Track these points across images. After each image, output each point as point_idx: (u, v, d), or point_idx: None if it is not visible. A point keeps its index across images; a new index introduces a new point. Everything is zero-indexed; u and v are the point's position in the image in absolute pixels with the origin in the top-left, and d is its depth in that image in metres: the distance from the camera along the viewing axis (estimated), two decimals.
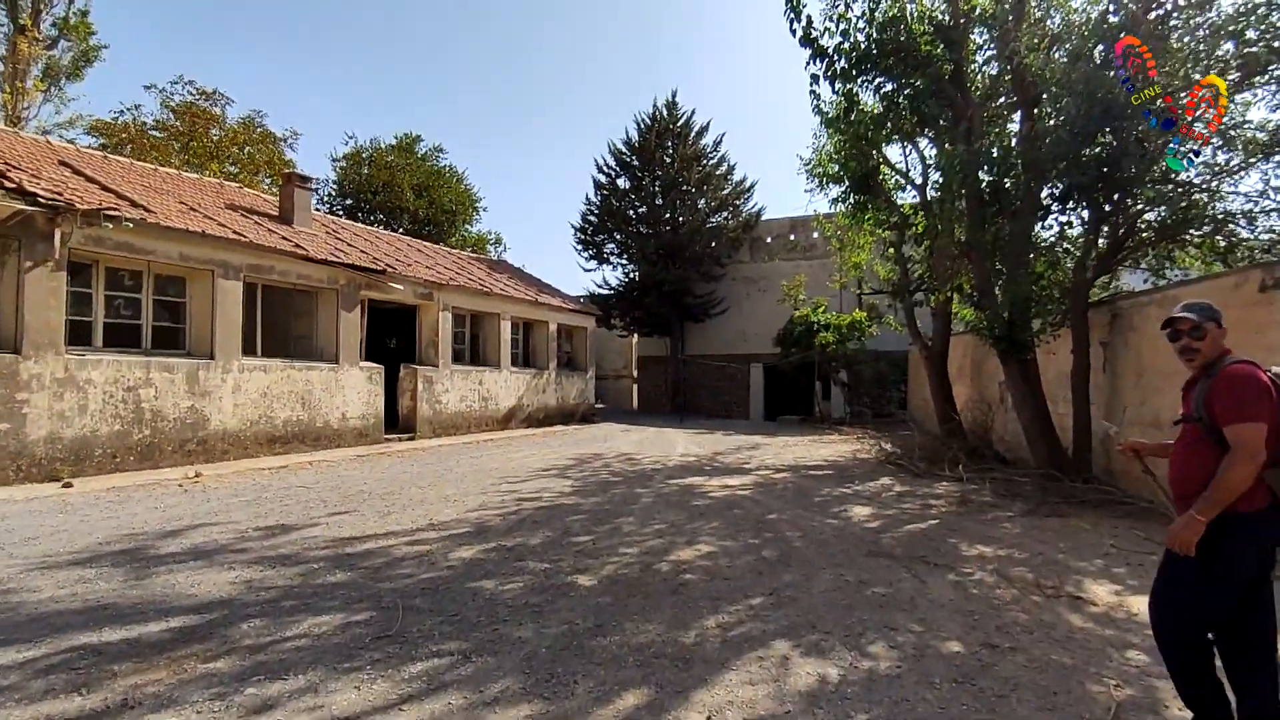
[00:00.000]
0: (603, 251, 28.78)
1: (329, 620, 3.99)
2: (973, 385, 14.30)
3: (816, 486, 9.22)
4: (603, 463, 11.75)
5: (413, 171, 25.49)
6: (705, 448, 14.55)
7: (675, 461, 12.01)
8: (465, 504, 7.72)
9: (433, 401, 15.14)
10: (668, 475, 10.24)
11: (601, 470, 10.79)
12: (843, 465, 11.63)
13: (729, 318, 27.82)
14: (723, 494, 8.57)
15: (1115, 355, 8.69)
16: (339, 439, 12.64)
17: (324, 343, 12.81)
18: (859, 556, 5.52)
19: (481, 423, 16.74)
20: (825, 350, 20.28)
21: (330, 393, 12.50)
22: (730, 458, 12.68)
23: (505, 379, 17.77)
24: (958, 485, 9.20)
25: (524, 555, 5.49)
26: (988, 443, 12.37)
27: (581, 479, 9.79)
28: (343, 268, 12.68)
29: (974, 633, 3.85)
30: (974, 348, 14.47)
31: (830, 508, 7.66)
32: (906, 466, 10.80)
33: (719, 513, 7.33)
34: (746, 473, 10.57)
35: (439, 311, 15.48)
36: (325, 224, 15.92)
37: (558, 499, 8.12)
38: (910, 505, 7.83)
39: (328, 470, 10.35)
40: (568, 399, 20.65)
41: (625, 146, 28.13)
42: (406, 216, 24.91)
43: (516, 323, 18.98)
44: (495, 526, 6.55)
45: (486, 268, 20.93)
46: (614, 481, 9.57)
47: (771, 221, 27.97)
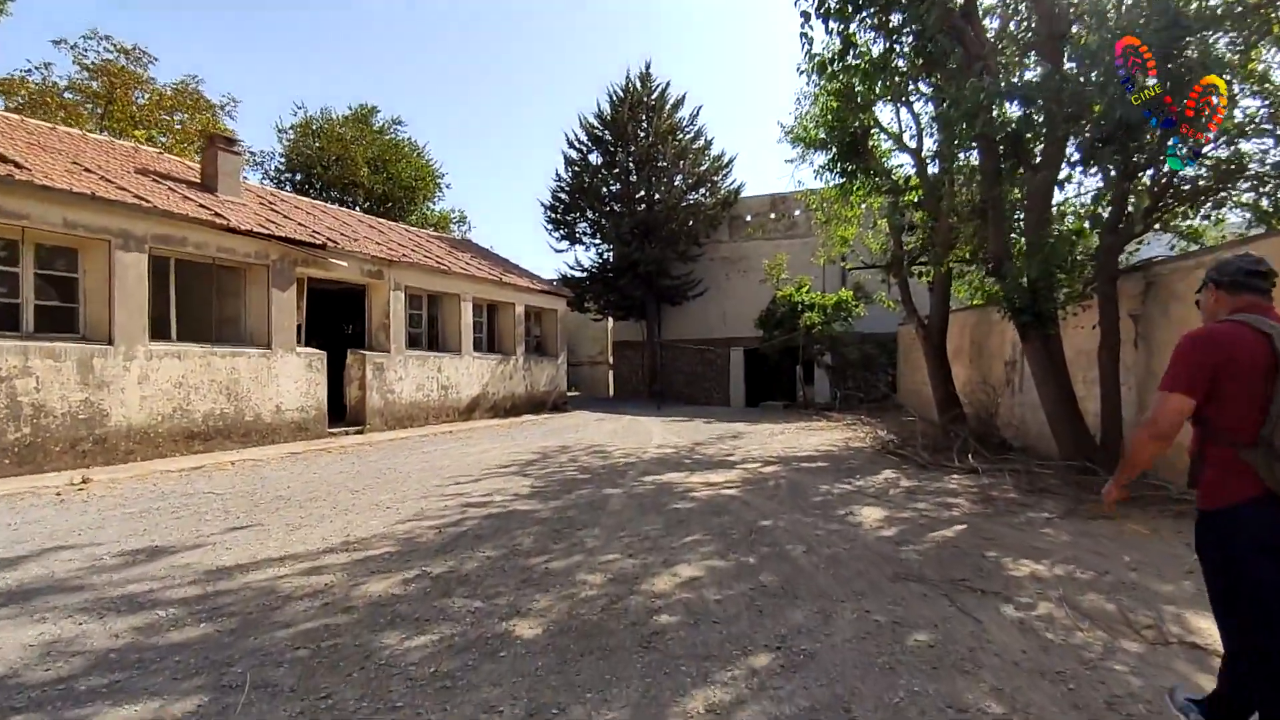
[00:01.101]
0: (574, 231, 27.35)
1: (128, 717, 2.69)
2: (973, 366, 13.27)
3: (812, 482, 8.06)
4: (570, 456, 10.49)
5: (368, 145, 23.72)
6: (684, 437, 13.37)
7: (651, 454, 10.79)
8: (398, 512, 6.42)
9: (384, 391, 13.73)
10: (642, 471, 9.02)
11: (568, 466, 9.54)
12: (837, 456, 10.51)
13: (707, 300, 26.64)
14: (706, 494, 7.37)
15: (1151, 328, 7.62)
16: (273, 434, 11.20)
17: (255, 326, 11.32)
18: (883, 580, 4.34)
19: (441, 413, 15.36)
20: (810, 332, 19.17)
21: (261, 382, 11.04)
22: (712, 449, 11.51)
23: (467, 366, 16.38)
24: (972, 479, 8.11)
25: (452, 589, 4.22)
26: (993, 429, 11.34)
27: (543, 477, 8.53)
28: (273, 241, 11.18)
29: (1078, 715, 2.67)
30: (973, 326, 13.44)
31: (833, 510, 6.50)
32: (910, 457, 9.70)
33: (702, 519, 6.12)
34: (731, 466, 9.39)
35: (390, 291, 14.03)
36: (260, 194, 14.32)
37: (511, 504, 6.85)
38: (925, 505, 6.69)
39: (250, 471, 8.95)
40: (537, 387, 19.32)
41: (597, 120, 26.66)
42: (361, 193, 23.16)
43: (480, 304, 17.57)
44: (426, 544, 5.27)
45: (447, 246, 19.44)
46: (580, 480, 8.32)
47: (751, 199, 26.77)
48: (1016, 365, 11.33)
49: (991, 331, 12.53)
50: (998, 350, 12.15)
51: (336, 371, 13.68)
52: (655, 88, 26.60)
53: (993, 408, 11.67)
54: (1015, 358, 11.39)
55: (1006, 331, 11.82)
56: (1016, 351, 11.38)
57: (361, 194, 23.17)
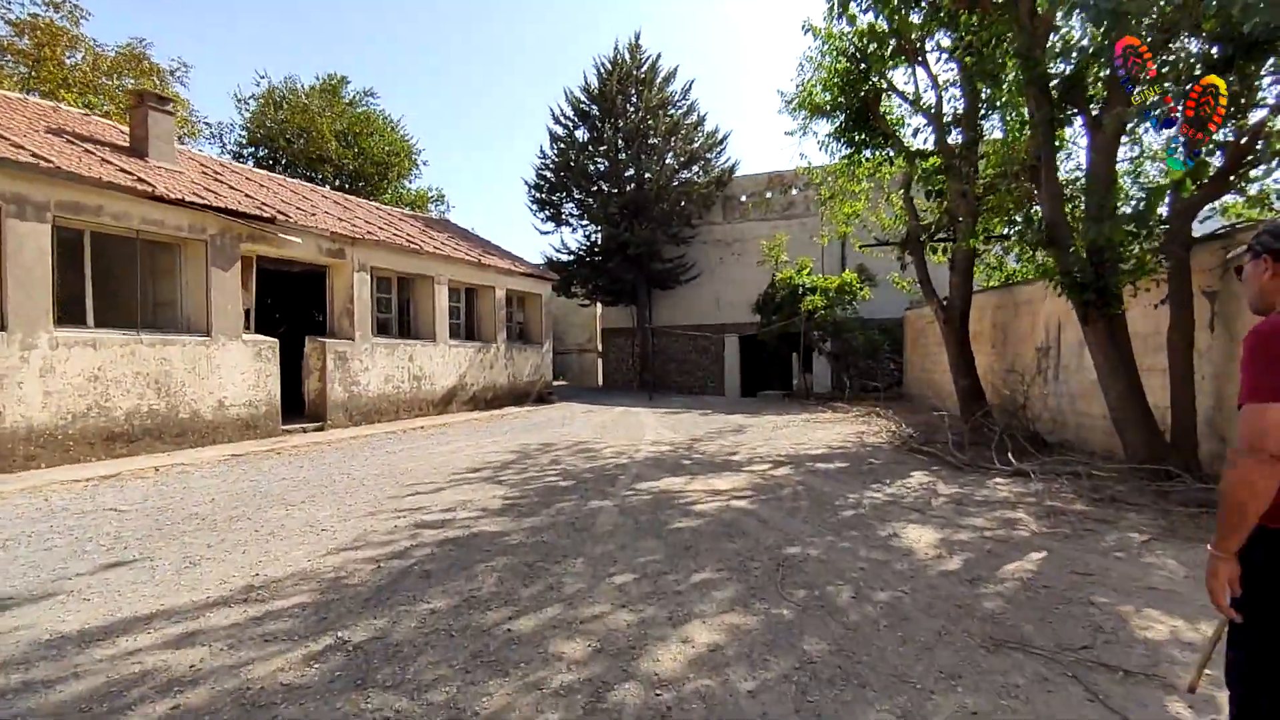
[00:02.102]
0: (560, 212, 25.94)
1: None
2: (995, 353, 12.12)
3: (836, 489, 6.86)
4: (553, 457, 9.24)
5: (337, 117, 22.09)
6: (680, 432, 12.15)
7: (645, 453, 9.57)
8: (334, 537, 5.15)
9: (348, 383, 12.39)
10: (636, 475, 7.79)
11: (550, 469, 8.29)
12: (854, 454, 9.32)
13: (700, 284, 25.39)
14: (712, 506, 6.15)
15: (1232, 307, 6.45)
16: (215, 433, 9.86)
17: (193, 311, 9.94)
18: (975, 649, 3.13)
19: (413, 406, 14.05)
20: (812, 317, 17.97)
21: (200, 374, 9.68)
22: (712, 446, 10.30)
23: (443, 354, 15.05)
24: (1018, 482, 6.95)
25: (371, 673, 2.96)
26: (1022, 422, 10.19)
27: (520, 484, 7.27)
28: (210, 212, 9.78)
29: None
30: (995, 308, 12.29)
31: (872, 529, 5.29)
32: (940, 456, 8.53)
33: (713, 544, 4.90)
34: (737, 469, 8.18)
35: (354, 273, 12.65)
36: (203, 163, 12.85)
37: (477, 523, 5.59)
38: (981, 521, 5.51)
39: (175, 480, 7.63)
40: (520, 376, 18.02)
41: (584, 94, 25.19)
42: (330, 169, 21.56)
43: (456, 288, 16.20)
44: (356, 589, 4.00)
45: (421, 225, 18.00)
46: (563, 489, 7.07)
47: (746, 178, 25.48)
48: (1050, 351, 10.19)
49: (1018, 314, 11.38)
50: (1026, 334, 11.00)
51: (297, 362, 12.34)
52: (645, 60, 25.16)
53: (1022, 398, 10.52)
54: (1049, 343, 10.25)
55: (1038, 313, 10.68)
56: (1050, 336, 10.25)
57: (330, 170, 21.56)
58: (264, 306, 16.42)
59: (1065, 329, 9.74)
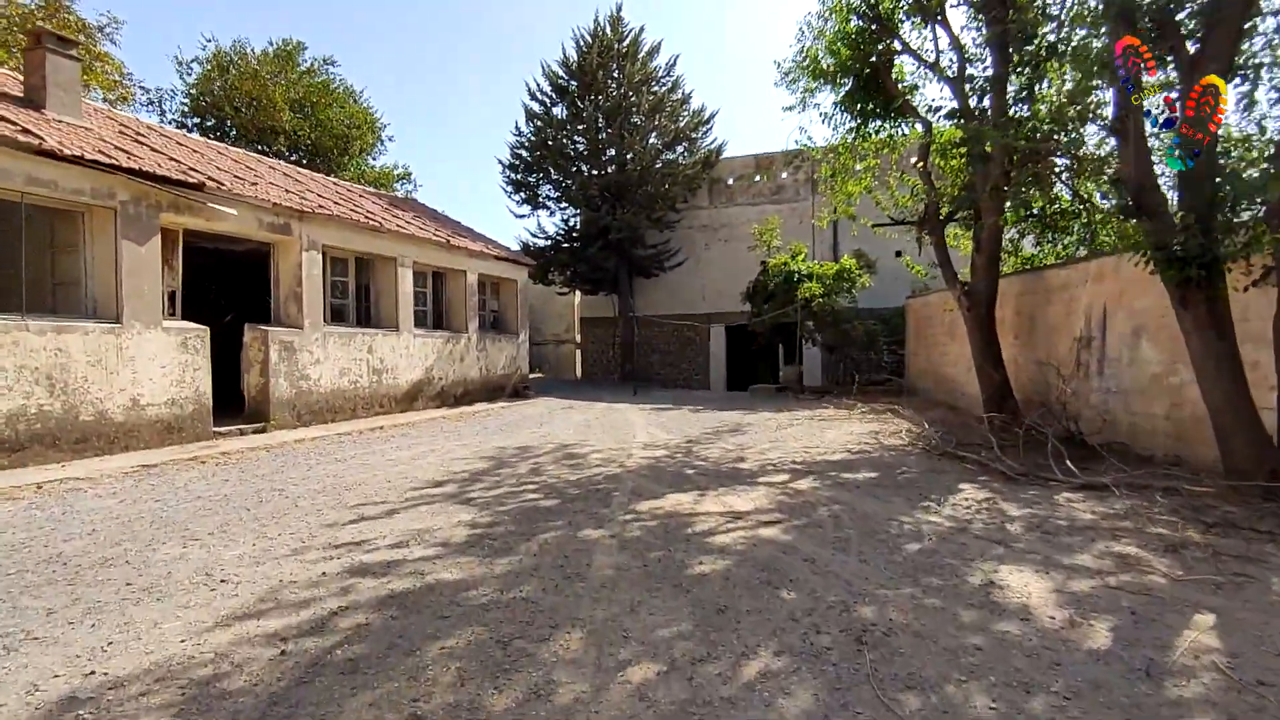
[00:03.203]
0: (537, 194, 24.42)
1: None
2: (1020, 344, 11.00)
3: (880, 509, 5.62)
4: (532, 465, 7.88)
5: (291, 85, 20.20)
6: (673, 432, 10.86)
7: (638, 458, 8.25)
8: (234, 595, 3.75)
9: (295, 377, 10.86)
10: (633, 490, 6.46)
11: (528, 482, 6.92)
12: (877, 459, 8.11)
13: (685, 272, 24.12)
14: (737, 536, 4.86)
15: None
16: (127, 438, 8.31)
17: (99, 292, 8.35)
18: None
19: (373, 403, 12.55)
20: (809, 305, 16.77)
21: (108, 368, 8.11)
22: (713, 449, 9.02)
23: (407, 345, 13.55)
24: (1094, 498, 5.77)
25: None
26: (1057, 421, 9.06)
27: (491, 505, 5.90)
28: (121, 175, 8.18)
29: None
30: (1019, 295, 11.16)
31: (956, 573, 4.04)
32: (984, 463, 7.34)
33: (756, 603, 3.60)
34: (751, 480, 6.91)
35: (302, 252, 11.09)
36: (121, 122, 11.14)
37: (434, 565, 4.22)
38: (1088, 559, 4.28)
39: (58, 501, 6.11)
40: (494, 369, 16.56)
41: (562, 68, 23.66)
42: (284, 141, 19.70)
43: (423, 272, 14.68)
44: (232, 707, 2.63)
45: (385, 203, 16.39)
46: (545, 511, 5.72)
47: (733, 160, 24.22)
48: (1093, 343, 9.08)
49: (1049, 301, 10.26)
50: (1060, 323, 9.88)
51: (238, 353, 10.76)
52: (627, 33, 23.69)
53: (1057, 394, 9.41)
54: (1090, 333, 9.14)
55: (1074, 300, 9.56)
56: (1093, 325, 9.14)
57: (284, 143, 19.67)
58: (203, 291, 14.73)
59: (1113, 317, 8.63)
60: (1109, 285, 8.79)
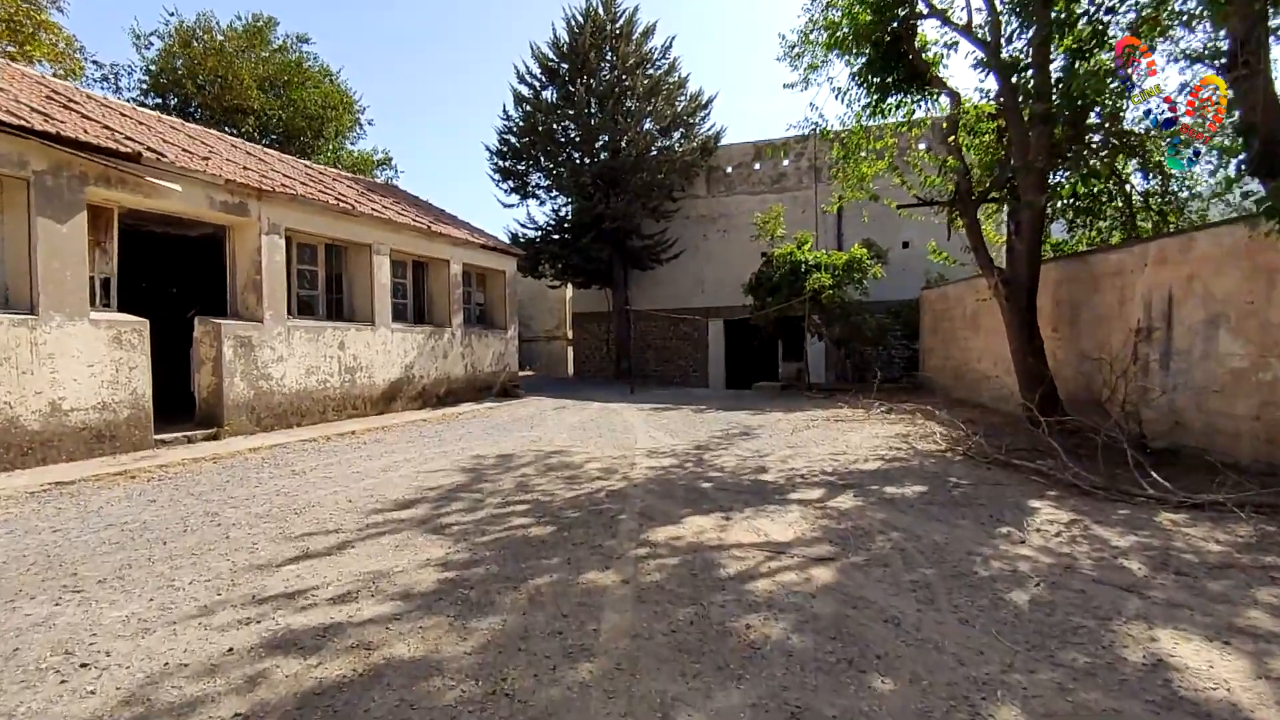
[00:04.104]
0: (527, 182, 23.24)
1: None
2: (1061, 336, 9.98)
3: (949, 537, 4.53)
4: (518, 478, 6.75)
5: (261, 62, 18.82)
6: (679, 435, 9.78)
7: (643, 468, 7.15)
8: (88, 692, 2.60)
9: (254, 376, 9.67)
10: (642, 512, 5.35)
11: (514, 501, 5.80)
12: (917, 468, 7.05)
13: (682, 264, 23.03)
14: (785, 583, 3.76)
15: None
16: (45, 449, 7.11)
17: (9, 278, 7.14)
18: None
19: (345, 405, 11.37)
20: (819, 298, 15.70)
21: (19, 367, 6.91)
22: (727, 456, 7.93)
23: (384, 340, 12.37)
24: (1211, 522, 4.73)
25: None
26: (1124, 426, 8.03)
27: (469, 533, 4.77)
28: (35, 140, 6.96)
29: None
30: (1059, 282, 10.10)
31: (1103, 643, 2.96)
32: (1046, 473, 6.29)
33: (836, 696, 2.50)
34: (781, 496, 5.82)
35: (262, 235, 9.89)
36: (51, 87, 9.87)
37: (384, 632, 3.09)
38: (1261, 615, 3.22)
39: None
40: (480, 367, 15.40)
41: (552, 49, 22.46)
42: (252, 121, 18.35)
43: (402, 261, 13.50)
44: None
45: (362, 188, 15.16)
46: (537, 543, 4.59)
47: (732, 147, 23.13)
48: (1155, 334, 8.05)
49: (1097, 288, 9.23)
50: (1112, 313, 8.86)
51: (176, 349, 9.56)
52: (620, 13, 22.53)
53: (1111, 392, 8.38)
54: (1152, 323, 8.11)
55: (1130, 286, 8.52)
56: (1155, 314, 8.11)
57: (253, 124, 18.31)
58: (161, 282, 13.49)
59: (1181, 305, 7.61)
60: (1174, 269, 7.76)
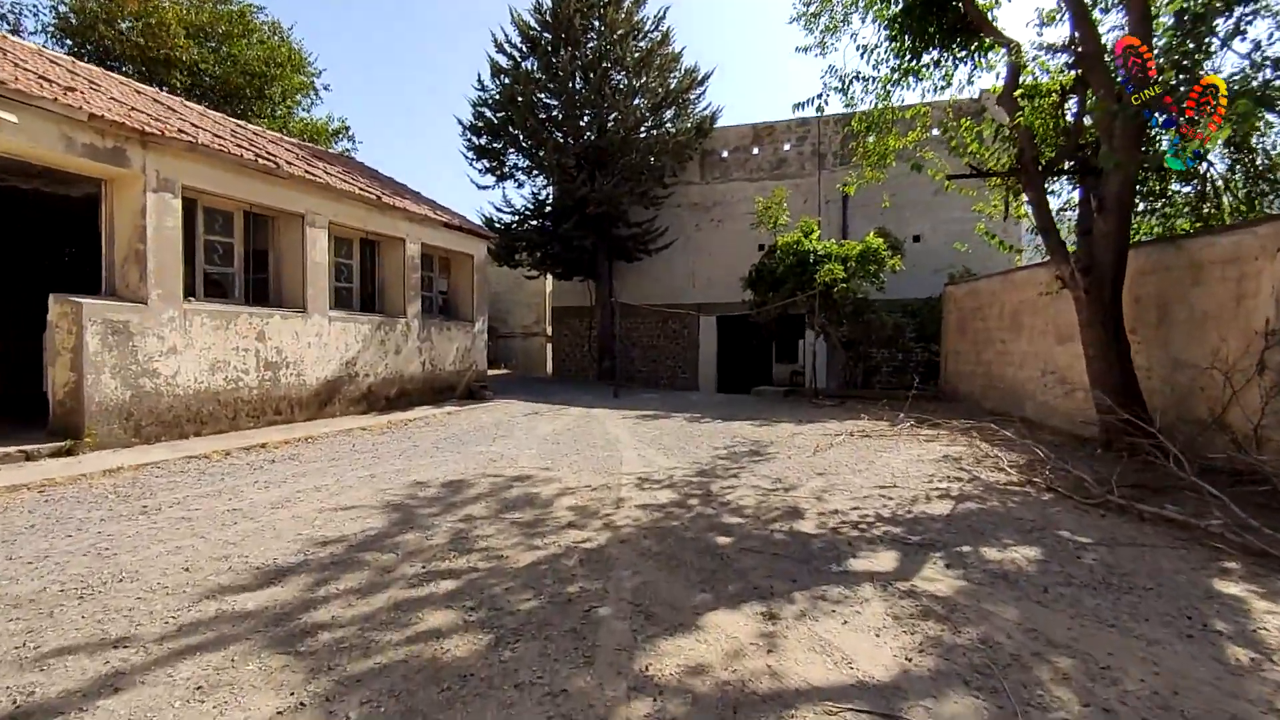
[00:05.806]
0: (503, 162, 21.16)
1: None
2: (1145, 339, 8.16)
3: (1147, 659, 2.63)
4: (458, 524, 4.75)
5: (194, 9, 16.47)
6: (673, 453, 7.85)
7: (632, 507, 5.19)
8: None
9: (134, 373, 7.56)
10: (633, 599, 3.39)
11: (442, 566, 3.80)
12: (1005, 514, 5.16)
13: (672, 255, 21.13)
14: None
15: None
16: None
17: None
18: None
19: (265, 409, 9.27)
20: (830, 292, 13.83)
21: None
22: (741, 487, 6.00)
23: (319, 331, 10.28)
24: None
25: None
26: (1247, 453, 6.20)
27: (343, 647, 2.77)
28: None
29: None
30: (1142, 274, 8.22)
31: None
32: (1187, 522, 4.43)
33: None
34: (839, 564, 3.89)
35: (147, 193, 7.78)
36: None
37: None
38: None
39: None
40: (441, 364, 13.34)
41: (534, 16, 20.41)
42: (182, 75, 16.01)
43: (347, 238, 11.42)
44: None
45: (305, 154, 13.01)
46: (450, 676, 2.60)
47: (729, 129, 21.28)
48: None
49: (1199, 281, 7.41)
50: (1222, 312, 7.05)
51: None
52: None
53: (1231, 410, 6.58)
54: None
55: (1249, 279, 6.67)
56: None
57: (183, 77, 15.97)
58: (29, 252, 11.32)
59: None
60: None
